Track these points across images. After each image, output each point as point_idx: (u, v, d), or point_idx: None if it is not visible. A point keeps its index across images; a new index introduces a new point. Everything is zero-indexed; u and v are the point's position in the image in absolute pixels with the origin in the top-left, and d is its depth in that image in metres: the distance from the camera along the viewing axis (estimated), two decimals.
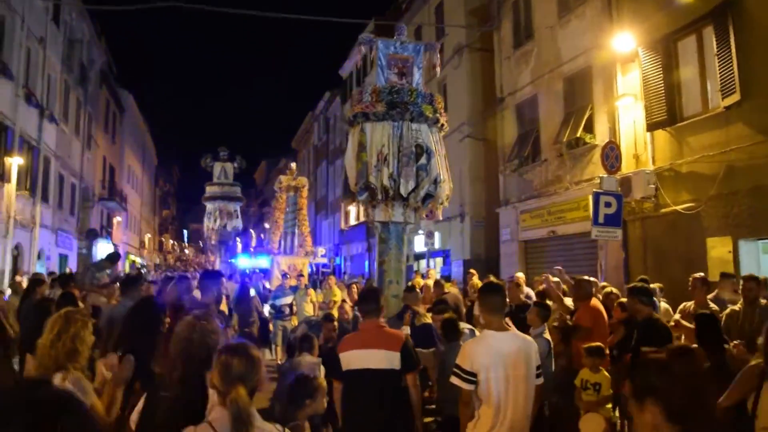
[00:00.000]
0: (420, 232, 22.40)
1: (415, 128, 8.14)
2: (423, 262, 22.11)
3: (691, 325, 5.80)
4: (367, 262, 31.67)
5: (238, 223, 22.96)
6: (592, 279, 6.66)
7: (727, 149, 10.94)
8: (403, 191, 7.98)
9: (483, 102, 20.60)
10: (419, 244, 23.81)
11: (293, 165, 18.47)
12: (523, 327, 8.61)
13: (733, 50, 10.68)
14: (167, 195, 69.49)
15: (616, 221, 11.38)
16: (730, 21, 10.80)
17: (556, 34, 15.96)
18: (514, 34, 18.09)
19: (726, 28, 10.88)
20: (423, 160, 8.05)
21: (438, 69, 9.48)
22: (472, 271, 12.05)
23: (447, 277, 17.63)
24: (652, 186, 12.37)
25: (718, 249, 11.18)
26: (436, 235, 20.78)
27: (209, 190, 22.55)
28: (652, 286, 9.51)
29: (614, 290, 8.54)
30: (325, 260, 31.81)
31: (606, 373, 5.53)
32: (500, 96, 18.67)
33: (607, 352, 6.03)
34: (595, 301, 6.56)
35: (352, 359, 4.60)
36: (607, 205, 11.34)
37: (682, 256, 11.79)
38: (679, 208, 11.87)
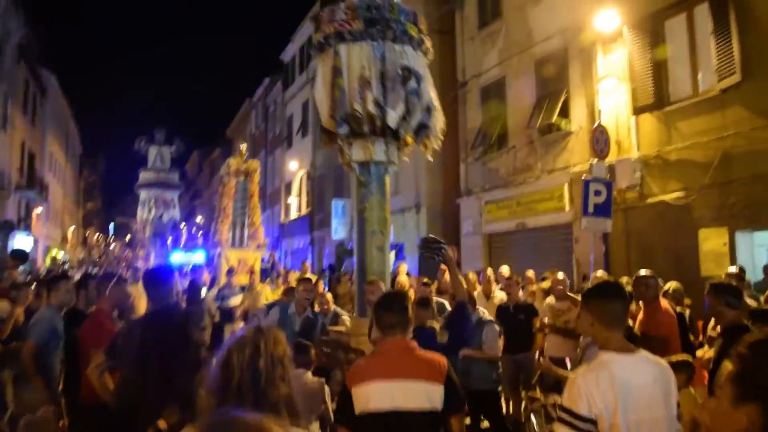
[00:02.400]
0: None
1: (399, 49, 6.98)
2: None
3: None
4: (310, 257, 30.24)
5: (176, 213, 21.17)
6: (647, 273, 5.51)
7: (723, 135, 10.22)
8: (391, 121, 6.80)
9: (441, 87, 19.45)
10: None
11: (243, 147, 16.87)
12: (522, 331, 7.66)
13: (734, 29, 9.94)
14: (92, 186, 65.76)
15: (606, 211, 10.53)
16: None
17: (527, 12, 15.02)
18: (479, 13, 17.07)
19: (725, 5, 10.14)
20: (413, 84, 6.85)
21: None
22: (443, 267, 10.81)
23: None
24: (638, 174, 11.57)
25: (712, 241, 10.46)
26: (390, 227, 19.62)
27: (143, 176, 20.60)
28: (622, 280, 8.66)
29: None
30: (264, 254, 30.12)
31: (692, 391, 4.40)
32: (462, 79, 17.64)
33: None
34: (665, 303, 5.49)
35: (373, 396, 3.21)
36: (597, 193, 10.47)
37: (670, 249, 11.05)
38: (667, 198, 11.11)
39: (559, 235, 14.00)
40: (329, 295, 8.27)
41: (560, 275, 7.78)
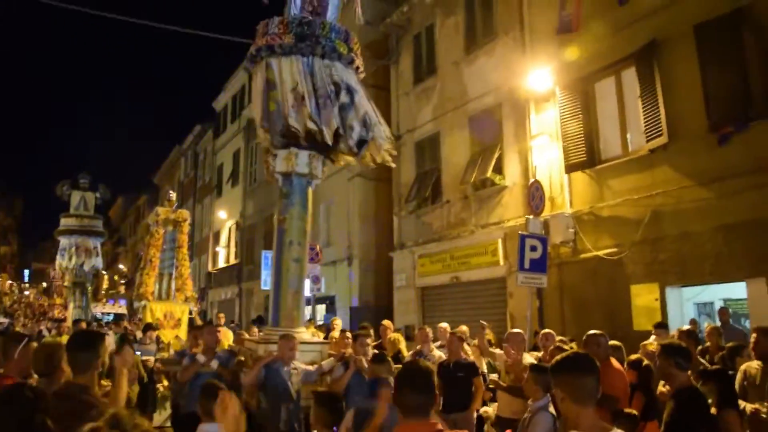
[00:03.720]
0: None
1: (327, 64, 7.18)
2: (307, 308, 20.43)
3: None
4: (237, 309, 29.34)
5: (98, 261, 20.10)
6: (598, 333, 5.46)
7: (652, 193, 10.52)
8: (327, 136, 6.94)
9: None
10: None
11: (173, 195, 16.28)
12: (460, 390, 7.43)
13: (659, 92, 10.35)
14: (7, 229, 62.53)
15: (541, 266, 10.61)
16: (655, 63, 10.50)
17: (462, 70, 15.33)
18: (414, 69, 17.31)
19: (651, 69, 10.57)
20: (344, 98, 7.05)
21: (359, 12, 8.56)
22: (385, 323, 10.52)
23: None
24: (572, 230, 11.75)
25: (644, 296, 10.65)
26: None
27: (65, 222, 19.51)
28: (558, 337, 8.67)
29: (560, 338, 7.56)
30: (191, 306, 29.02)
31: None
32: (397, 133, 17.70)
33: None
34: (615, 362, 5.40)
35: None
36: (533, 249, 10.55)
37: (604, 303, 11.18)
38: (600, 253, 11.29)
39: (493, 290, 14.01)
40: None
41: (516, 330, 7.61)
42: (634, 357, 6.21)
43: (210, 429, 3.75)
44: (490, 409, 7.19)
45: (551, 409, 4.68)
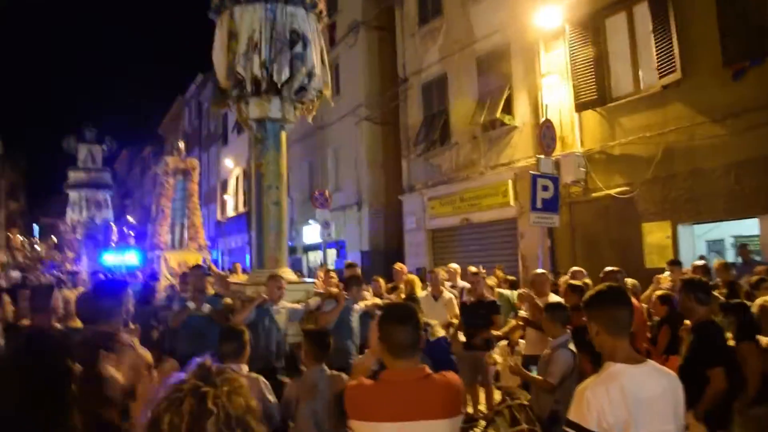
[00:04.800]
0: (310, 222, 20.94)
1: (290, 12, 7.41)
2: (318, 254, 20.62)
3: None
4: (248, 256, 29.61)
5: (108, 213, 20.24)
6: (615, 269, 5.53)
7: (664, 130, 10.46)
8: (276, 81, 7.26)
9: (381, 83, 19.38)
10: (309, 234, 22.33)
11: (181, 144, 16.25)
12: (482, 329, 7.56)
13: (673, 27, 10.17)
14: (15, 186, 62.58)
15: (553, 206, 10.62)
16: None
17: (468, 9, 15.02)
18: (419, 10, 16.97)
19: (664, 4, 10.36)
20: (299, 48, 7.33)
21: None
22: (398, 266, 10.38)
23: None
24: (582, 169, 11.74)
25: (656, 234, 10.71)
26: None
27: (73, 176, 19.57)
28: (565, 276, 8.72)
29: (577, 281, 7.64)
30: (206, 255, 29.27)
31: None
32: (403, 76, 17.54)
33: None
34: (632, 297, 5.48)
35: None
36: (545, 188, 10.53)
37: (615, 242, 11.26)
38: (612, 192, 11.31)
39: (504, 230, 14.09)
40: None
41: (540, 270, 7.68)
42: (660, 292, 6.20)
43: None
44: (497, 356, 7.28)
45: (571, 345, 4.79)
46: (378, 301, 7.37)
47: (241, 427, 1.43)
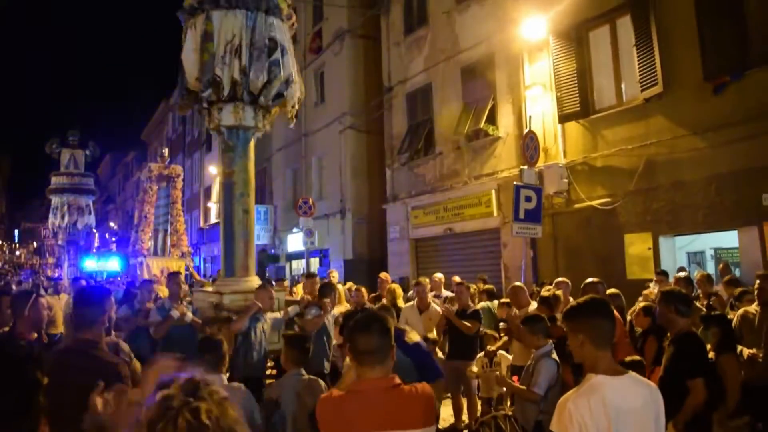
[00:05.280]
0: (294, 230, 20.88)
1: (269, 21, 7.54)
2: (301, 262, 20.55)
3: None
4: None
5: (91, 219, 20.00)
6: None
7: (646, 143, 10.56)
8: (253, 88, 7.39)
9: (366, 92, 19.40)
10: (292, 242, 22.26)
11: (165, 151, 16.16)
12: (467, 338, 7.55)
13: (655, 41, 10.28)
14: None
15: (536, 217, 10.70)
16: (651, 10, 10.41)
17: (454, 20, 15.10)
18: (405, 19, 17.04)
19: (646, 18, 10.49)
20: (276, 55, 7.45)
21: None
22: (383, 275, 10.52)
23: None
24: (565, 180, 11.81)
25: (637, 246, 10.79)
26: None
27: (56, 180, 19.33)
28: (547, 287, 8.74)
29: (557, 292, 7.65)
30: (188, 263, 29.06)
31: None
32: (388, 85, 17.58)
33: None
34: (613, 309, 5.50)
35: None
36: (528, 199, 10.63)
37: (598, 253, 11.32)
38: (594, 203, 11.38)
39: (487, 240, 14.13)
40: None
41: (517, 284, 7.67)
42: (643, 304, 6.23)
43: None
44: (475, 367, 7.28)
45: (554, 355, 4.80)
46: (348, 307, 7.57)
47: None
